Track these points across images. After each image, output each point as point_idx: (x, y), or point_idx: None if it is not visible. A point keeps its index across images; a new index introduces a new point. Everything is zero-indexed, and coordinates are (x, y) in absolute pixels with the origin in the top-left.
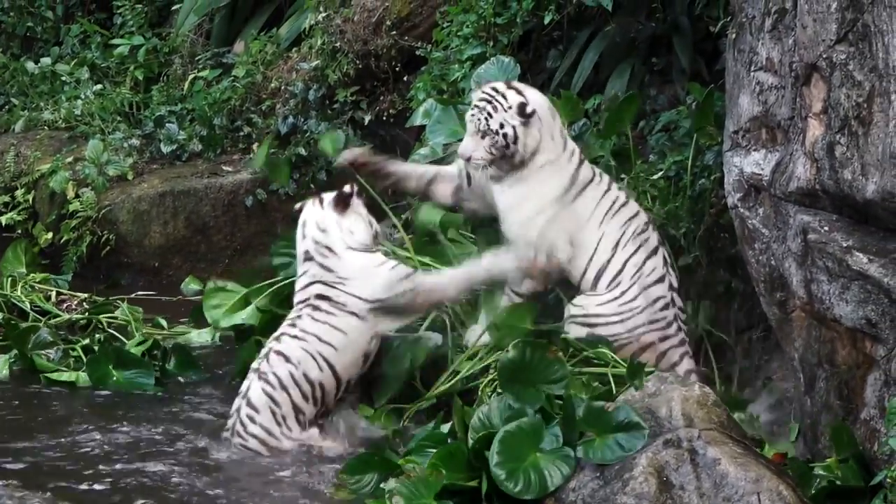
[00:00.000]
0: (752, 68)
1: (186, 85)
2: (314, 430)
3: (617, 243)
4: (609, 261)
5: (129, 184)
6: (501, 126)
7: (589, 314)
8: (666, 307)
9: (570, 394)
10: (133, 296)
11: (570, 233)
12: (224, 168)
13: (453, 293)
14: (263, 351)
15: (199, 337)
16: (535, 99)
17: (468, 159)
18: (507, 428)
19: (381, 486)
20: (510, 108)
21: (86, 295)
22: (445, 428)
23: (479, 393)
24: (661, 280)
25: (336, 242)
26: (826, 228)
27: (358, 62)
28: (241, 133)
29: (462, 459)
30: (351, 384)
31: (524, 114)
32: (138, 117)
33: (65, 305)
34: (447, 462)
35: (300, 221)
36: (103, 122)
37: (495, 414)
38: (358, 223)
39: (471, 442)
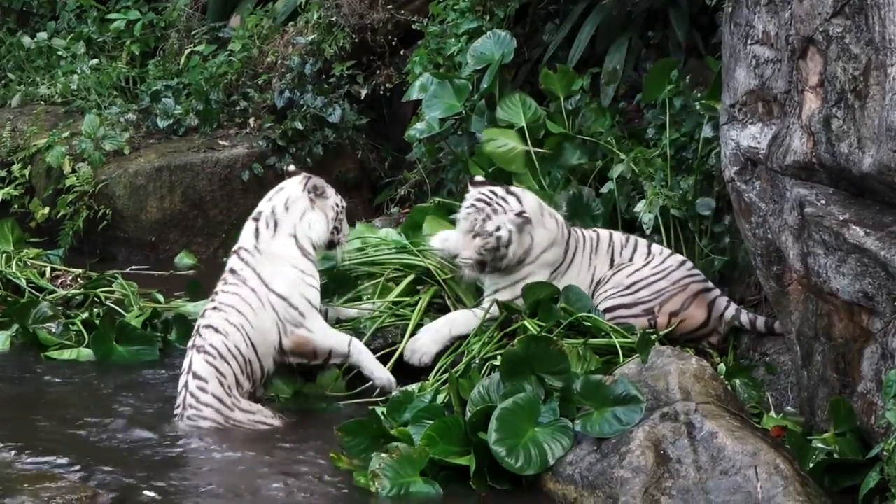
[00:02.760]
0: (749, 42)
1: (183, 59)
2: (260, 406)
3: (612, 259)
4: (609, 270)
5: (125, 158)
6: (498, 229)
7: (624, 284)
8: (694, 267)
9: (568, 367)
10: (127, 270)
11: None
12: (220, 142)
13: (342, 350)
14: (194, 329)
15: (197, 309)
16: (529, 203)
17: (454, 256)
18: (505, 405)
19: (373, 454)
20: (509, 212)
21: (80, 270)
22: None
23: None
24: (673, 253)
25: (286, 224)
26: (823, 202)
27: (354, 36)
28: (238, 107)
29: (458, 433)
30: (270, 376)
31: (521, 220)
32: (134, 92)
33: (59, 281)
34: (443, 434)
35: (279, 186)
36: (99, 97)
37: (494, 388)
38: (320, 222)
39: (468, 415)
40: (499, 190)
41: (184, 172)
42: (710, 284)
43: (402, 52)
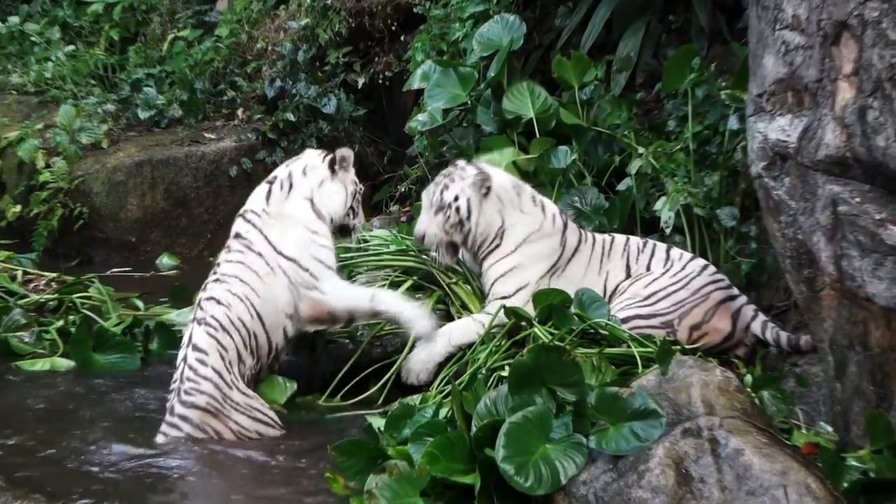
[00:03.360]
0: (778, 26)
1: (165, 45)
2: (258, 397)
3: (627, 265)
4: (627, 277)
5: (103, 152)
6: (456, 199)
7: (642, 295)
8: (717, 272)
9: (581, 378)
10: (105, 274)
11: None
12: (206, 135)
13: (364, 307)
14: (195, 303)
15: (180, 317)
16: (497, 178)
17: (422, 239)
18: (513, 419)
19: (369, 477)
20: (465, 178)
21: (54, 274)
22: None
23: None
24: (694, 257)
25: (303, 188)
26: (857, 199)
27: (351, 20)
28: (225, 97)
29: (463, 449)
30: (280, 353)
31: (476, 180)
32: (113, 81)
33: (32, 285)
34: (446, 451)
35: (299, 156)
36: (76, 86)
37: (502, 401)
38: (340, 193)
39: (474, 429)
40: (462, 162)
41: (166, 168)
42: (735, 291)
43: (402, 38)
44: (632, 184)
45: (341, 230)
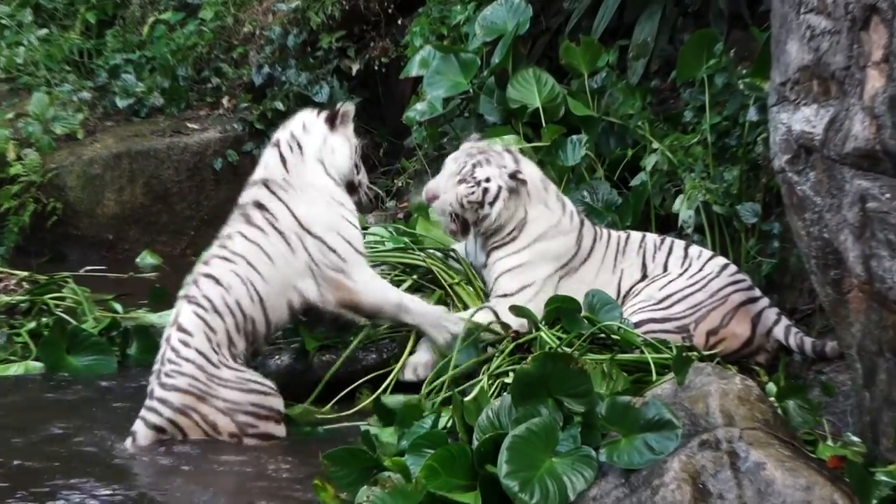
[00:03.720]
0: (802, 10)
1: (146, 29)
2: (251, 371)
3: (643, 263)
4: (643, 277)
5: (78, 144)
6: (488, 180)
7: (657, 298)
8: (738, 272)
9: (591, 387)
10: (80, 273)
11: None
12: (189, 125)
13: (389, 309)
14: (191, 277)
15: (161, 319)
16: (529, 171)
17: (431, 198)
18: (517, 432)
19: (361, 488)
20: (504, 167)
21: (26, 273)
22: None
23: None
24: (714, 256)
25: (310, 146)
26: (888, 196)
27: (344, 2)
28: (209, 85)
29: (464, 463)
30: (277, 332)
31: (515, 182)
32: (90, 67)
33: (2, 285)
34: (446, 465)
35: (291, 118)
36: (49, 73)
37: (505, 412)
38: (344, 147)
39: (476, 443)
40: (498, 147)
41: (146, 160)
42: (757, 293)
43: (399, 22)
44: (646, 179)
45: (349, 187)
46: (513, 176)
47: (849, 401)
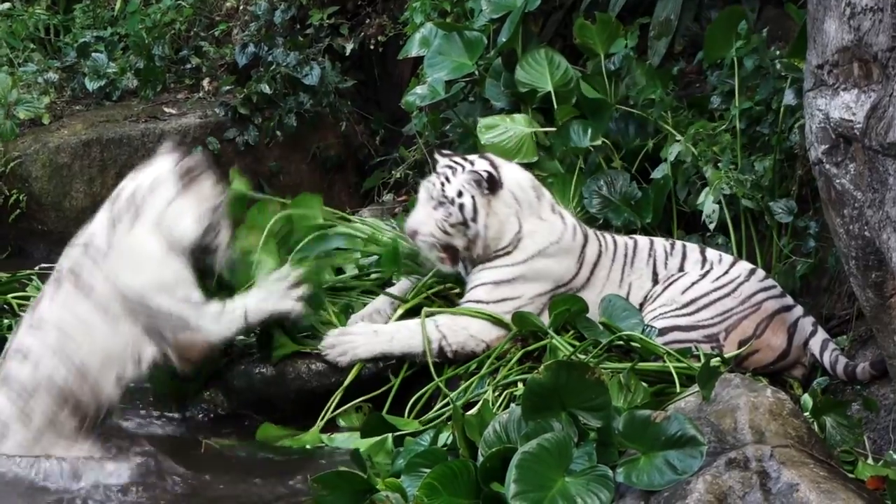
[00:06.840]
0: None
1: (118, 4)
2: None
3: (654, 273)
4: (654, 287)
5: (44, 130)
6: (460, 194)
7: (681, 302)
8: (767, 277)
9: (608, 400)
10: (46, 271)
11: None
12: (166, 110)
13: (250, 324)
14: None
15: None
16: (513, 176)
17: (413, 234)
18: (527, 448)
19: None
20: (471, 171)
21: None
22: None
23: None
24: (737, 260)
25: (148, 209)
26: None
27: None
28: (188, 65)
29: (467, 482)
30: (114, 406)
31: (489, 184)
32: (56, 45)
33: None
34: (447, 483)
35: (153, 161)
36: (12, 51)
37: (514, 426)
38: (189, 213)
39: (481, 458)
40: (471, 156)
41: (119, 148)
42: (790, 300)
43: None
44: (668, 171)
45: (203, 251)
46: (486, 180)
47: (891, 416)
